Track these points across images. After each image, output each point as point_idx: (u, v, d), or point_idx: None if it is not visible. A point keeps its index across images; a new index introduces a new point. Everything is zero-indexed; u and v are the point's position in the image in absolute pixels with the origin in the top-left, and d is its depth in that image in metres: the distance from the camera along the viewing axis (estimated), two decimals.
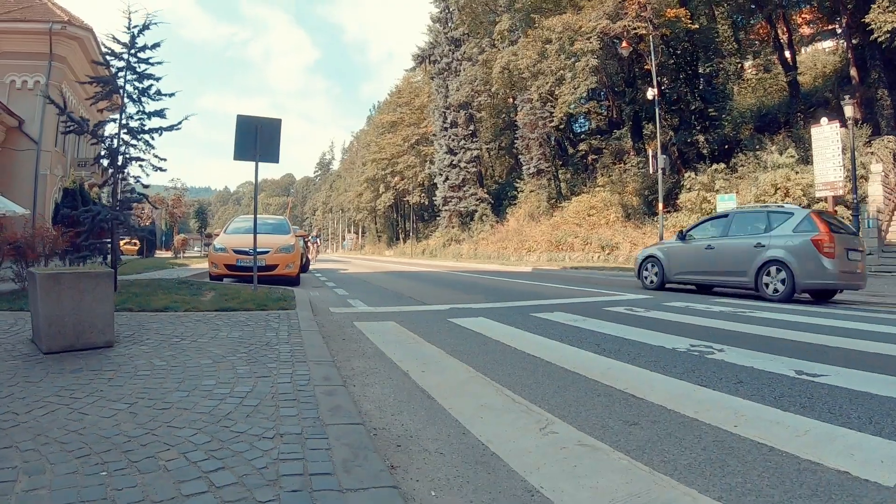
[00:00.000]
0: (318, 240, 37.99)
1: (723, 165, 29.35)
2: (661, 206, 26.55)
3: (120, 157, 9.32)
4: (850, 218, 19.51)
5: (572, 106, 34.90)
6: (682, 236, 14.50)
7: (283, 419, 3.14)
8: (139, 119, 9.50)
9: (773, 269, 12.06)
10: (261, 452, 2.63)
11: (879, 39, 21.87)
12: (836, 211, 21.40)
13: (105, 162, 9.61)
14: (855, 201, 19.29)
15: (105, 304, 5.13)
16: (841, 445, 3.09)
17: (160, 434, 2.85)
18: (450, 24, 60.32)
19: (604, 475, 2.66)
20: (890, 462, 2.85)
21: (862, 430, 3.35)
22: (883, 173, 22.99)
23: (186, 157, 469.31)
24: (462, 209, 57.46)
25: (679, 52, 33.18)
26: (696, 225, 14.94)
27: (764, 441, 3.13)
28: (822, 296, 12.75)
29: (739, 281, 12.82)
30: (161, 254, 55.44)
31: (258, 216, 12.48)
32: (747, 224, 13.34)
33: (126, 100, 9.38)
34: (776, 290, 11.92)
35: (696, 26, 31.39)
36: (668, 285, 14.82)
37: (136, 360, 4.56)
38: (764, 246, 12.26)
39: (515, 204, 50.40)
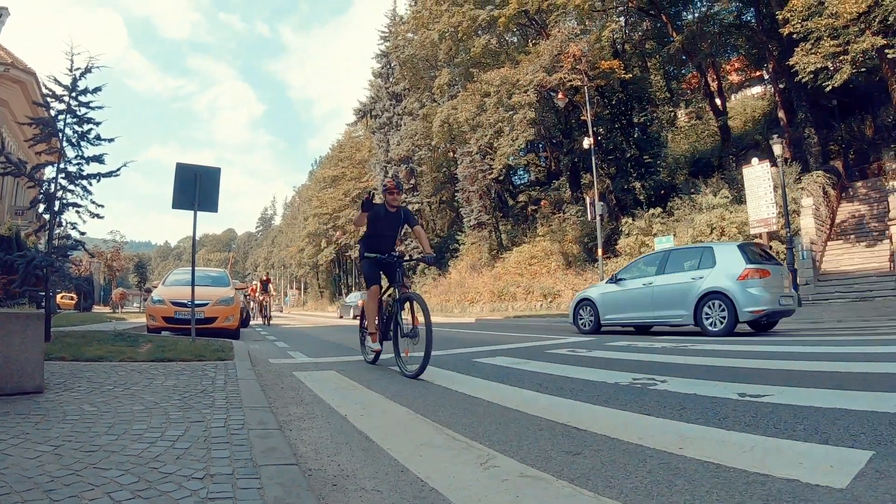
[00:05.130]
0: (268, 287, 28.89)
1: (659, 210, 30.14)
2: (600, 252, 27.10)
3: (57, 203, 9.09)
4: (785, 251, 20.09)
5: (511, 158, 35.63)
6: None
7: (214, 460, 3.03)
8: (77, 164, 9.33)
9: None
10: (189, 492, 2.53)
11: (804, 80, 22.74)
12: (770, 246, 22.06)
13: (41, 207, 9.39)
14: (788, 235, 19.97)
15: (35, 347, 4.93)
16: (789, 456, 3.12)
17: (85, 475, 2.72)
18: (391, 80, 61.39)
19: (548, 503, 2.62)
20: (839, 466, 2.89)
21: (808, 441, 3.40)
22: (814, 206, 23.92)
23: (127, 211, 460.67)
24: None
25: (614, 102, 34.12)
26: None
27: (710, 459, 3.13)
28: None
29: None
30: (99, 309, 54.30)
31: (198, 268, 12.30)
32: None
33: (65, 143, 9.21)
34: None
35: (630, 77, 32.39)
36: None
37: (65, 406, 4.38)
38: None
39: (457, 256, 50.76)
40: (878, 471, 2.79)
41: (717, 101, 36.80)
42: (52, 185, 9.14)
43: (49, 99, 9.33)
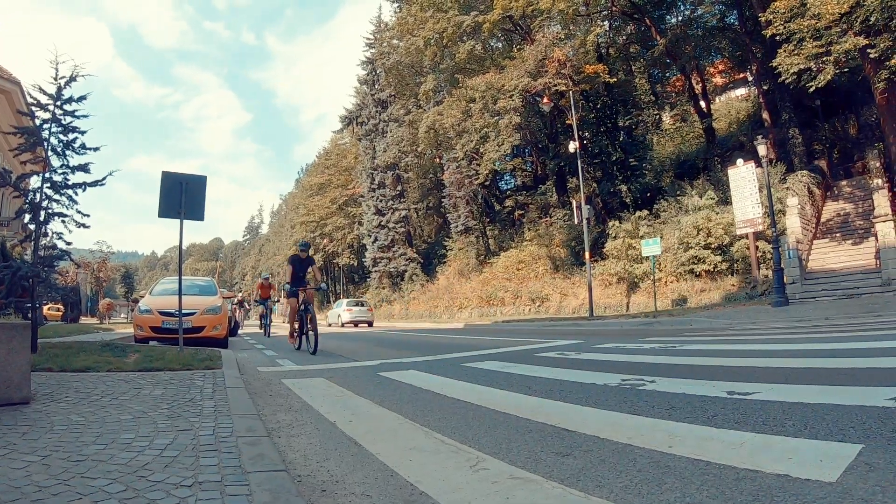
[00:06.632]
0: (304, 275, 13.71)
1: (646, 212, 30.21)
2: (587, 255, 27.01)
3: (42, 212, 9.01)
4: (772, 251, 20.14)
5: (497, 163, 35.65)
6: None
7: (202, 468, 3.01)
8: (63, 173, 9.24)
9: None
10: (177, 499, 2.51)
11: (787, 81, 22.73)
12: (757, 246, 22.22)
13: (27, 217, 9.30)
14: (774, 235, 19.98)
15: (21, 357, 4.86)
16: (778, 452, 3.12)
17: (73, 484, 2.69)
18: (376, 86, 61.41)
19: None
20: (829, 460, 2.89)
21: (797, 436, 3.40)
22: (799, 206, 24.02)
23: (114, 221, 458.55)
24: (392, 270, 57.72)
25: (599, 106, 34.20)
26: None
27: (700, 457, 3.13)
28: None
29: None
30: (86, 319, 53.96)
31: (185, 278, 12.23)
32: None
33: (50, 153, 9.13)
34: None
35: (615, 80, 32.47)
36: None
37: (52, 416, 4.33)
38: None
39: (445, 262, 50.95)
40: (868, 464, 2.79)
41: (702, 104, 36.96)
42: (38, 195, 9.05)
43: (34, 108, 9.23)
